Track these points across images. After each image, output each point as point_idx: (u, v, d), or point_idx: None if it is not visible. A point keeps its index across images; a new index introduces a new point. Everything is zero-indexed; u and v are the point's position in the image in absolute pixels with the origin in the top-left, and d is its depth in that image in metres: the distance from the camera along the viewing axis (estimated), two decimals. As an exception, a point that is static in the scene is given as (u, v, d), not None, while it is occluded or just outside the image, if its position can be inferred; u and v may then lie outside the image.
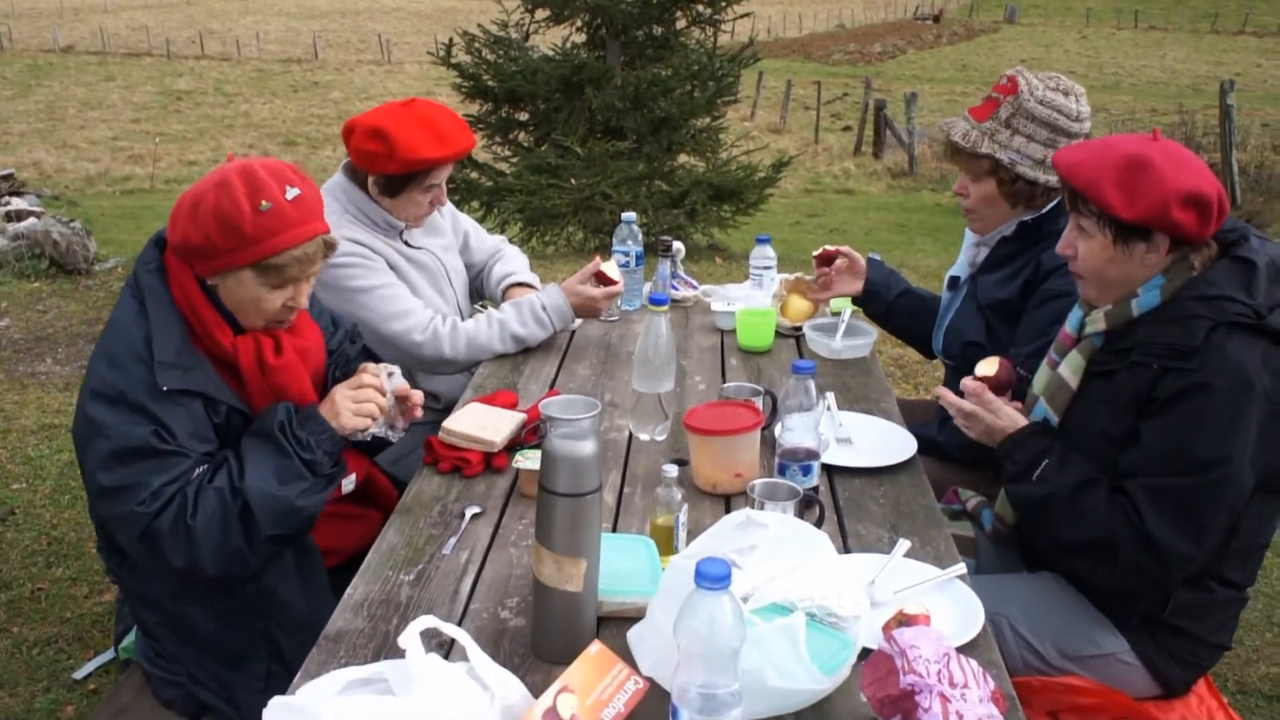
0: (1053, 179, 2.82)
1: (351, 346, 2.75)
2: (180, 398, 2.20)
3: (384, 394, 2.41)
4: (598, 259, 3.35)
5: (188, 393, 2.22)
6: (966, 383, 2.50)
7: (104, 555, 2.43)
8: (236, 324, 2.34)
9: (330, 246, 2.36)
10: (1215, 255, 2.24)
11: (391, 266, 3.19)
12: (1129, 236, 2.20)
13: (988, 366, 2.52)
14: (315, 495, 2.26)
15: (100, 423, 2.15)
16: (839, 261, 3.35)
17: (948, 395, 2.51)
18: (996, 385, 2.54)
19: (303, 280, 2.34)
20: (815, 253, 3.40)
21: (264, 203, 2.19)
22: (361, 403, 2.35)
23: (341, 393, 2.36)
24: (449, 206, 3.55)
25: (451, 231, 3.56)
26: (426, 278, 3.32)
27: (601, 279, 3.31)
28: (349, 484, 2.55)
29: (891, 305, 3.36)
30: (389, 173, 3.11)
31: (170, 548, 2.14)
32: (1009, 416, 2.42)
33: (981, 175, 2.89)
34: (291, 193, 2.23)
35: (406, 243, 3.29)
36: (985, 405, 2.44)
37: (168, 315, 2.25)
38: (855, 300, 3.40)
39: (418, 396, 2.52)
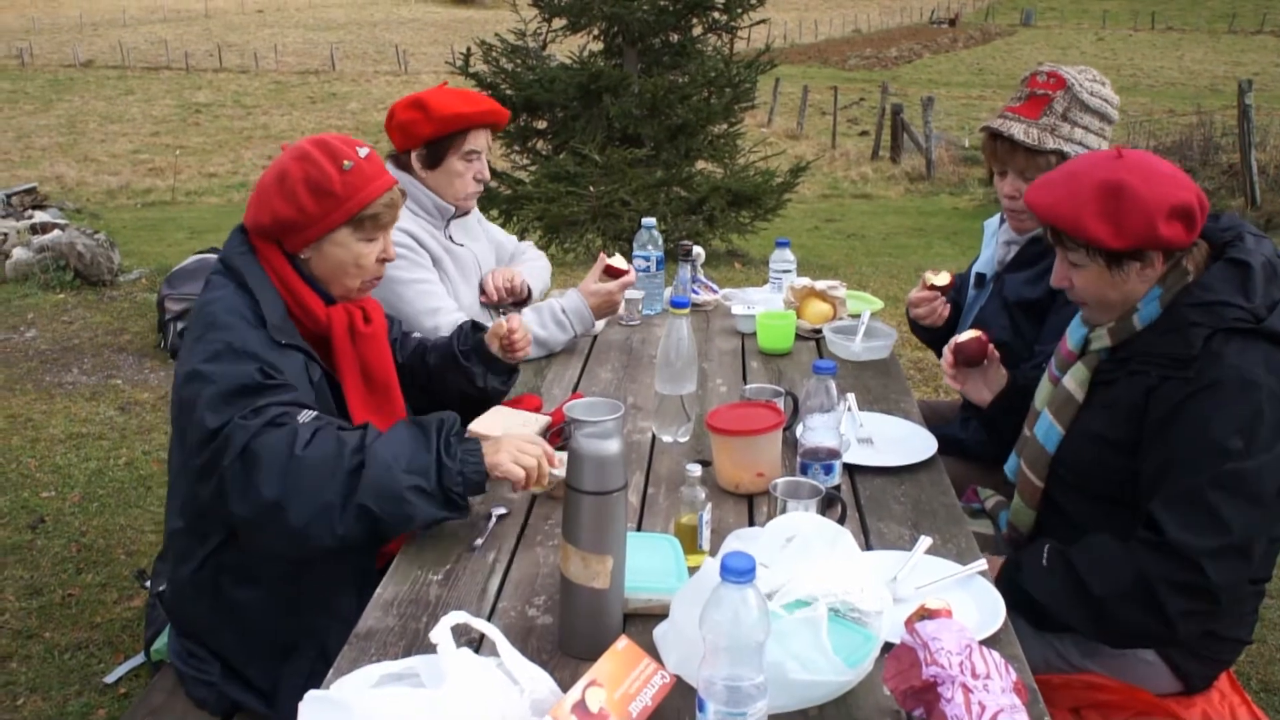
0: None
1: (407, 340, 2.86)
2: (288, 350, 2.32)
3: (550, 466, 2.27)
4: (603, 255, 3.39)
5: (295, 348, 2.35)
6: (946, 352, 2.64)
7: (175, 540, 2.42)
8: (324, 299, 2.48)
9: (403, 194, 2.56)
10: (1208, 255, 2.25)
11: (435, 260, 3.27)
12: (1122, 261, 2.20)
13: (967, 334, 2.65)
14: (425, 504, 2.13)
15: (206, 373, 2.19)
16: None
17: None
18: (968, 358, 2.64)
19: (389, 229, 2.52)
20: (940, 281, 3.20)
21: (346, 162, 2.38)
22: (524, 454, 2.23)
23: (510, 438, 2.28)
24: (482, 222, 3.66)
25: (486, 239, 3.64)
26: (463, 274, 3.39)
27: (611, 273, 3.36)
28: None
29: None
30: (426, 136, 3.23)
31: (265, 475, 2.08)
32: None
33: (1041, 172, 2.86)
34: (362, 151, 2.44)
35: (450, 237, 3.38)
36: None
37: (268, 289, 2.38)
38: (937, 331, 3.35)
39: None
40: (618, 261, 3.38)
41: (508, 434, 2.32)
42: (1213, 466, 2.07)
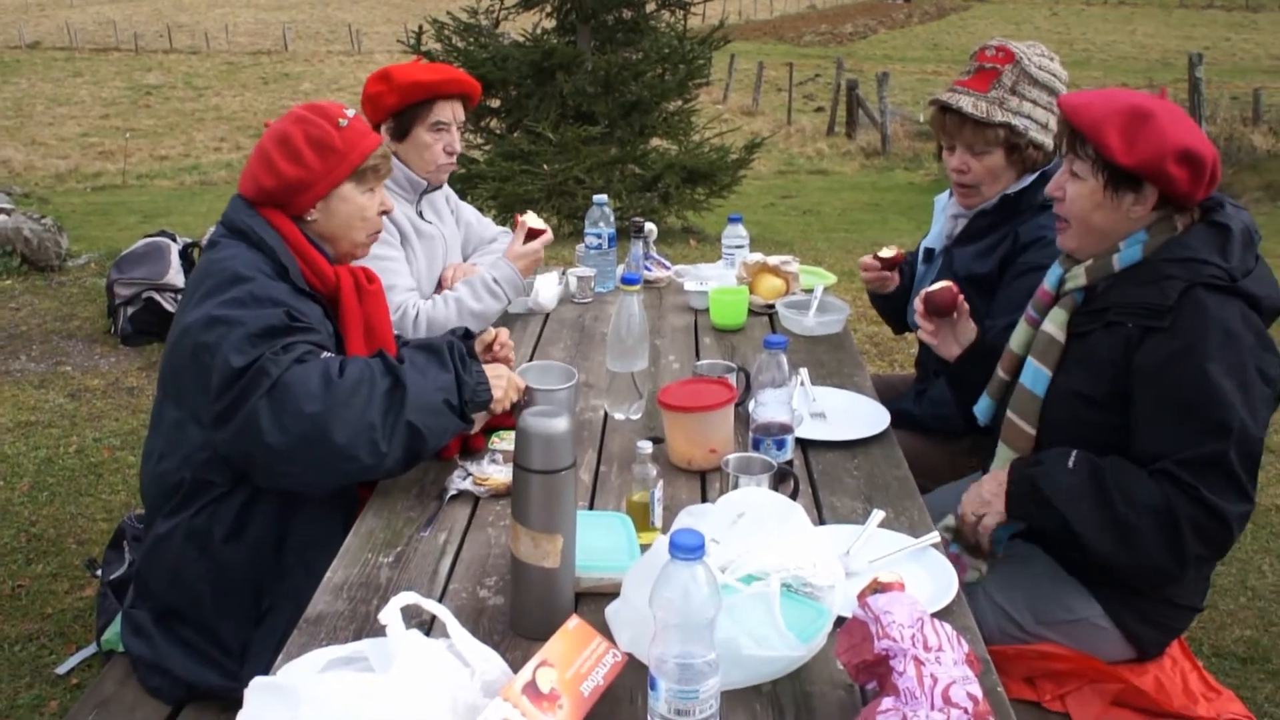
0: (1053, 142, 2.87)
1: None
2: (309, 299, 2.43)
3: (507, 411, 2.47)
4: (519, 219, 3.41)
5: (314, 298, 2.45)
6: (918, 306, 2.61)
7: (175, 492, 2.39)
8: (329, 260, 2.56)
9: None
10: (1194, 220, 2.27)
11: (404, 237, 3.27)
12: (1120, 184, 2.23)
13: (938, 284, 2.63)
14: (451, 418, 2.30)
15: (230, 317, 2.24)
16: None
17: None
18: (938, 308, 2.64)
19: (384, 180, 2.65)
20: (886, 254, 3.22)
21: (341, 120, 2.52)
22: (510, 390, 2.45)
23: (502, 369, 2.48)
24: (453, 201, 3.66)
25: (455, 222, 3.64)
26: (427, 251, 3.39)
27: (532, 235, 3.39)
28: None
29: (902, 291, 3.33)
30: (392, 107, 3.24)
31: (304, 399, 2.12)
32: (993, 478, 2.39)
33: (990, 146, 2.88)
34: (350, 112, 2.57)
35: (420, 214, 3.38)
36: (978, 500, 2.36)
37: (281, 247, 2.44)
38: (887, 298, 3.35)
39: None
40: (535, 222, 3.41)
41: (499, 367, 2.49)
42: (1227, 431, 2.09)
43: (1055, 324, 2.37)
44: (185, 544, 2.39)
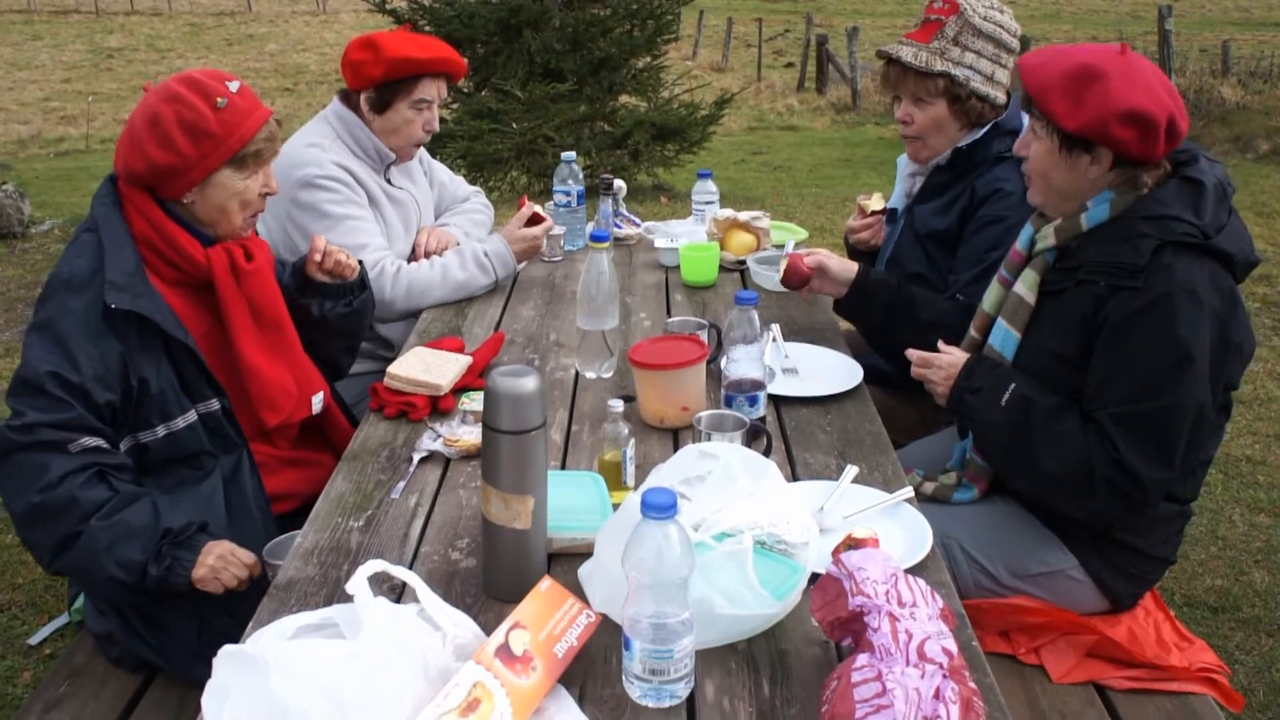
0: (1001, 95, 2.86)
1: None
2: (119, 323, 2.22)
3: (250, 574, 2.25)
4: (527, 202, 3.36)
5: (133, 317, 2.23)
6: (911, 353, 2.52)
7: None
8: (202, 241, 2.41)
9: (279, 123, 2.47)
10: (1167, 175, 2.25)
11: (372, 200, 3.22)
12: (1073, 146, 2.21)
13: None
14: (121, 589, 2.20)
15: (27, 344, 2.23)
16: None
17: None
18: (797, 282, 2.82)
19: (269, 163, 2.45)
20: (876, 206, 3.27)
21: (220, 100, 2.31)
22: (229, 568, 2.22)
23: (226, 546, 2.25)
24: (426, 161, 3.61)
25: (428, 184, 3.59)
26: (400, 215, 3.34)
27: (535, 220, 3.35)
28: (318, 402, 2.61)
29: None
30: (376, 79, 3.16)
31: (9, 490, 2.17)
32: (953, 354, 2.44)
33: (932, 97, 2.87)
34: (233, 86, 2.35)
35: (389, 180, 3.32)
36: (930, 362, 2.45)
37: (122, 243, 2.29)
38: (867, 253, 3.32)
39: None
40: (542, 210, 3.38)
41: (225, 544, 2.25)
42: (1168, 393, 2.11)
43: (1026, 285, 2.36)
44: None
